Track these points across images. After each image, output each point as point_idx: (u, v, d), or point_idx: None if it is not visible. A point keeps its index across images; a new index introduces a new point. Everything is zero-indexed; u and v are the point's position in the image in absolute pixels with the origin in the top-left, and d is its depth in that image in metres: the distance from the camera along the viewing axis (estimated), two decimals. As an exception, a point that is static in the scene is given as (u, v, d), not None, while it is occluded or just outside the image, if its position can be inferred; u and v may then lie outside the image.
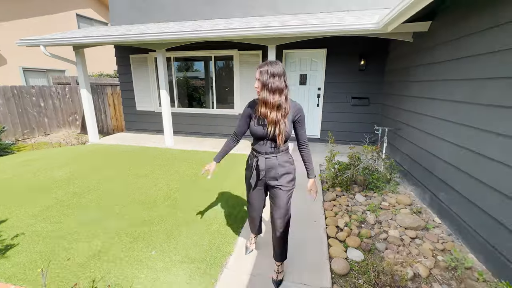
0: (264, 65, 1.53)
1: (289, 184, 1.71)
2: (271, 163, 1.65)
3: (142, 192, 3.31)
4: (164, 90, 5.13)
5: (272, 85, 1.49)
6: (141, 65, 6.51)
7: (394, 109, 4.41)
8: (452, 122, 2.65)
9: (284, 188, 1.68)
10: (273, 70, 1.49)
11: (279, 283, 1.83)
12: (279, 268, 1.85)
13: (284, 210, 1.71)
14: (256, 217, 2.00)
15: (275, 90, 1.50)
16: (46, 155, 4.95)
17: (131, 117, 7.06)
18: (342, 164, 3.62)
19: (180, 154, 4.99)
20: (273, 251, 1.86)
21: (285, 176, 1.68)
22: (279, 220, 1.72)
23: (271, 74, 1.49)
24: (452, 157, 2.61)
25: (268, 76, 1.49)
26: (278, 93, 1.50)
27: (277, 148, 1.64)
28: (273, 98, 1.50)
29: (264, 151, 1.65)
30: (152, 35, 4.35)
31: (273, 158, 1.65)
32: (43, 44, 4.89)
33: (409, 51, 3.88)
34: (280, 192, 1.69)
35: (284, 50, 5.47)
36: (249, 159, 1.79)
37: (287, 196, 1.70)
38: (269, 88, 1.50)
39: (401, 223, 2.61)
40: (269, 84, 1.49)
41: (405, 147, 3.81)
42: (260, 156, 1.66)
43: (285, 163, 1.67)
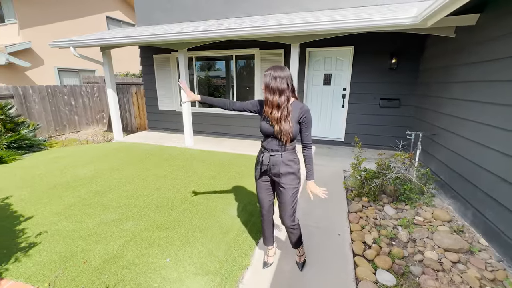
0: (268, 69, 1.65)
1: (293, 183, 1.77)
2: (275, 159, 1.74)
3: (160, 193, 3.29)
4: (185, 90, 5.12)
5: (273, 85, 1.60)
6: (164, 65, 6.61)
7: (430, 112, 4.00)
8: (503, 129, 2.29)
9: (287, 186, 1.76)
10: (275, 73, 1.61)
11: (303, 264, 2.05)
12: (300, 252, 2.05)
13: (288, 206, 1.80)
14: (266, 218, 1.99)
15: (275, 90, 1.60)
16: (73, 152, 5.17)
17: (153, 116, 7.21)
18: (370, 172, 3.34)
19: (199, 154, 4.96)
20: (290, 241, 2.01)
21: (288, 175, 1.76)
22: (284, 217, 1.84)
23: (273, 77, 1.61)
24: (501, 169, 2.25)
25: (270, 78, 1.61)
26: (278, 93, 1.61)
27: (282, 146, 1.72)
28: (273, 98, 1.61)
29: (270, 148, 1.75)
30: (173, 35, 4.33)
31: (278, 155, 1.74)
32: (73, 45, 5.10)
33: (451, 48, 3.48)
34: (284, 190, 1.78)
35: (308, 49, 5.22)
36: (258, 154, 1.90)
37: (291, 194, 1.78)
38: (270, 89, 1.61)
39: (440, 243, 2.31)
40: (270, 85, 1.61)
41: (443, 154, 3.43)
42: (266, 152, 1.78)
43: (289, 161, 1.74)
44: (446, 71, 3.54)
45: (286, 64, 5.41)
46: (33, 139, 5.44)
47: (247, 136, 6.28)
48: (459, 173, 2.97)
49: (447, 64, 3.53)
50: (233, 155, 4.91)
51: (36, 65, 9.63)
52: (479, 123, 2.67)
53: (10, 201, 3.10)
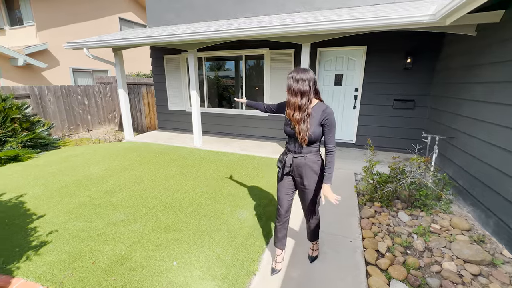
0: (292, 72, 1.67)
1: (316, 185, 1.80)
2: (298, 161, 1.76)
3: (169, 194, 3.29)
4: (194, 91, 5.13)
5: (294, 87, 1.62)
6: (174, 65, 6.65)
7: (448, 114, 3.82)
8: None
9: (310, 188, 1.79)
10: (297, 76, 1.63)
11: (313, 259, 2.12)
12: (314, 246, 2.14)
13: (311, 204, 1.87)
14: (282, 218, 1.95)
15: (297, 92, 1.62)
16: (85, 151, 5.27)
17: (163, 116, 7.27)
18: (383, 176, 3.21)
19: (207, 155, 4.95)
20: (307, 235, 2.13)
21: (311, 177, 1.77)
22: (307, 211, 1.94)
23: (295, 79, 1.63)
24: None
25: (292, 81, 1.64)
26: (300, 96, 1.62)
27: (305, 148, 1.73)
28: (295, 100, 1.63)
29: (294, 150, 1.78)
30: (183, 36, 4.34)
31: (301, 157, 1.76)
32: (86, 46, 5.20)
33: (471, 47, 3.30)
34: (306, 190, 1.82)
35: (318, 48, 5.12)
36: (281, 155, 1.93)
37: (313, 195, 1.83)
38: (292, 91, 1.64)
39: (459, 253, 2.18)
40: (292, 87, 1.63)
41: (461, 159, 3.26)
42: (289, 154, 1.81)
43: (312, 163, 1.75)
44: (466, 71, 3.37)
45: (297, 64, 5.32)
46: (47, 138, 5.59)
47: (256, 137, 6.23)
48: (480, 179, 2.81)
49: (467, 64, 3.36)
50: (242, 156, 4.87)
51: (52, 66, 9.93)
52: (503, 127, 2.52)
53: (24, 199, 3.17)
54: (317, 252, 2.17)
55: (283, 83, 5.60)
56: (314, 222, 1.99)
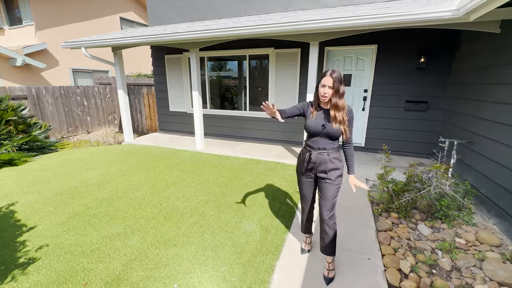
0: (334, 72, 1.71)
1: (337, 179, 1.88)
2: (323, 157, 1.84)
3: (169, 203, 3.08)
4: (196, 92, 4.92)
5: (341, 91, 1.73)
6: (175, 65, 6.45)
7: (466, 116, 3.59)
8: None
9: (331, 182, 1.86)
10: (341, 77, 1.72)
11: (330, 280, 1.95)
12: (330, 265, 1.98)
13: (330, 202, 1.88)
14: (307, 211, 2.11)
15: (342, 94, 1.74)
16: (83, 154, 5.07)
17: (164, 117, 7.07)
18: (399, 184, 2.98)
19: (210, 159, 4.74)
20: (320, 244, 2.02)
21: (334, 171, 1.86)
22: (324, 210, 1.90)
23: (340, 81, 1.72)
24: None
25: (339, 83, 1.71)
26: (343, 97, 1.76)
27: (329, 145, 1.83)
28: (340, 102, 1.74)
29: (317, 147, 1.85)
30: (184, 34, 4.13)
31: (325, 153, 1.84)
32: (84, 45, 5.01)
33: (495, 45, 3.07)
34: (328, 185, 1.87)
35: (326, 47, 4.90)
36: (302, 154, 1.99)
37: (335, 189, 1.88)
38: (340, 94, 1.73)
39: (492, 275, 1.95)
40: (340, 90, 1.72)
41: (484, 166, 3.03)
42: (313, 151, 1.87)
43: (334, 159, 1.85)
44: (489, 71, 3.13)
45: (303, 64, 5.11)
46: (44, 141, 5.40)
47: (260, 139, 6.02)
48: (507, 188, 2.58)
49: (490, 63, 3.13)
50: (246, 160, 4.65)
51: (52, 66, 9.76)
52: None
53: (15, 207, 2.98)
54: (333, 272, 1.98)
55: (288, 84, 5.38)
56: (331, 228, 1.90)
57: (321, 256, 2.18)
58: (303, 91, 5.17)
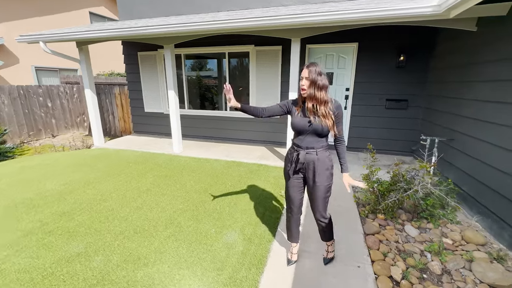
0: (311, 65, 1.65)
1: (327, 179, 1.78)
2: (311, 157, 1.74)
3: (141, 214, 2.77)
4: (172, 91, 4.60)
5: (319, 82, 1.61)
6: (150, 63, 6.04)
7: (445, 114, 3.63)
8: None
9: (321, 183, 1.76)
10: (319, 69, 1.63)
11: (329, 260, 2.04)
12: (329, 247, 2.05)
13: (321, 202, 1.81)
14: (295, 216, 1.97)
15: (322, 87, 1.62)
16: (45, 161, 4.55)
17: (139, 119, 6.62)
18: (384, 183, 2.91)
19: (188, 162, 4.44)
20: (320, 235, 2.03)
21: (323, 172, 1.75)
22: (317, 210, 1.85)
23: (318, 73, 1.62)
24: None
25: (316, 75, 1.61)
26: (324, 90, 1.64)
27: (317, 144, 1.73)
28: (321, 94, 1.63)
29: (305, 146, 1.74)
30: (157, 28, 3.81)
31: (313, 152, 1.73)
32: (43, 40, 4.49)
33: (472, 43, 3.10)
34: (318, 186, 1.76)
35: (307, 45, 4.79)
36: (289, 154, 1.88)
37: (325, 191, 1.79)
38: (317, 85, 1.61)
39: (482, 277, 1.89)
40: (317, 82, 1.61)
41: (464, 163, 3.05)
42: (301, 150, 1.76)
43: (324, 158, 1.74)
44: (467, 69, 3.16)
45: (285, 62, 4.96)
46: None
47: (242, 140, 5.80)
48: (490, 185, 2.58)
49: (468, 61, 3.15)
50: (227, 162, 4.41)
51: (10, 64, 8.84)
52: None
53: (-48, 227, 2.52)
54: (332, 253, 2.08)
55: (270, 83, 5.21)
56: (326, 221, 1.89)
57: (308, 266, 2.02)
58: (285, 90, 5.03)
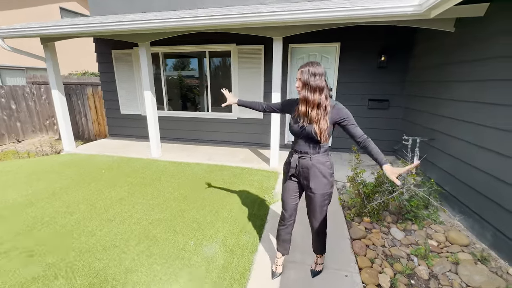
0: (305, 65, 1.54)
1: (324, 188, 1.64)
2: (305, 163, 1.64)
3: (112, 227, 2.52)
4: (149, 91, 4.33)
5: (312, 83, 1.49)
6: (125, 62, 5.69)
7: (425, 114, 3.67)
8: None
9: (317, 191, 1.63)
10: (314, 69, 1.50)
11: (316, 273, 1.92)
12: (319, 260, 1.95)
13: (318, 211, 1.71)
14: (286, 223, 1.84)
15: (315, 88, 1.50)
16: (5, 168, 4.11)
17: (114, 121, 6.23)
18: (369, 185, 2.86)
19: (167, 167, 4.19)
20: (312, 245, 1.93)
21: (319, 179, 1.62)
22: (313, 220, 1.76)
23: (312, 73, 1.50)
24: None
25: (309, 75, 1.50)
26: (318, 92, 1.50)
27: (312, 149, 1.61)
28: (313, 96, 1.51)
29: (300, 150, 1.65)
30: (130, 24, 3.55)
31: (307, 158, 1.63)
32: (0, 36, 4.06)
33: (450, 44, 3.14)
34: (313, 195, 1.66)
35: (290, 45, 4.70)
36: (288, 156, 1.79)
37: (321, 200, 1.67)
38: (310, 87, 1.50)
39: (469, 280, 1.86)
40: (309, 83, 1.50)
41: (445, 162, 3.08)
42: (295, 154, 1.68)
43: (320, 165, 1.61)
44: (444, 69, 3.20)
45: (268, 61, 4.84)
46: (-51, 155, 4.27)
47: (225, 142, 5.61)
48: (470, 185, 2.60)
49: (446, 62, 3.19)
50: (209, 166, 4.22)
51: (-32, 62, 8.05)
52: (493, 128, 2.31)
53: None
54: (321, 266, 1.97)
55: (252, 82, 5.08)
56: (321, 232, 1.81)
57: (294, 278, 1.90)
58: (268, 90, 4.91)
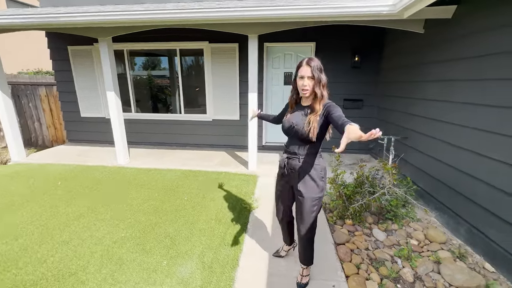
0: (310, 60, 1.44)
1: (312, 192, 1.54)
2: (293, 163, 1.59)
3: (68, 250, 2.16)
4: (112, 92, 3.91)
5: (323, 81, 1.44)
6: (85, 59, 5.13)
7: (397, 113, 3.77)
8: (497, 134, 1.99)
9: (306, 195, 1.55)
10: (319, 64, 1.44)
11: (302, 286, 1.81)
12: (304, 271, 1.83)
13: (306, 217, 1.60)
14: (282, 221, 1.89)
15: (325, 85, 1.46)
16: None
17: (74, 125, 5.60)
18: (349, 186, 2.83)
19: (136, 175, 3.81)
20: (299, 255, 1.84)
21: (307, 182, 1.55)
22: (301, 226, 1.66)
23: (319, 68, 1.43)
24: (500, 181, 1.94)
25: (319, 72, 1.42)
26: (323, 86, 1.45)
27: (302, 149, 1.54)
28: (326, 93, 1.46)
29: (289, 150, 1.60)
30: (89, 16, 3.14)
31: (295, 159, 1.57)
32: None
33: (419, 45, 3.23)
34: (301, 198, 1.58)
35: (265, 43, 4.58)
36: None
37: (310, 204, 1.57)
38: (322, 84, 1.44)
39: (451, 280, 1.86)
40: (322, 80, 1.43)
41: (419, 160, 3.16)
42: (285, 154, 1.65)
43: (308, 167, 1.53)
44: (415, 69, 3.29)
45: (243, 60, 4.67)
46: None
47: (200, 146, 5.33)
48: (444, 181, 2.68)
49: (415, 62, 3.28)
50: (183, 172, 3.92)
51: None
52: (464, 127, 2.39)
53: None
54: (307, 278, 1.84)
55: (227, 82, 4.86)
56: (308, 240, 1.69)
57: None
58: (244, 90, 4.74)
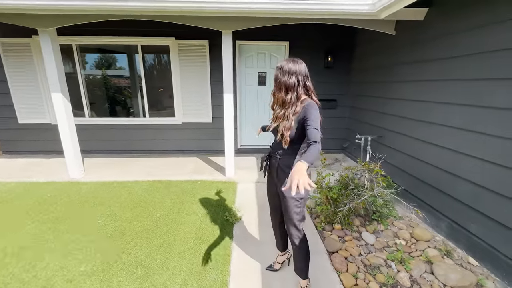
0: (282, 61, 1.46)
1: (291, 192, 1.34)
2: (272, 163, 1.61)
3: (2, 300, 1.66)
4: (59, 94, 3.29)
5: (281, 80, 1.43)
6: (21, 54, 4.29)
7: (371, 112, 3.85)
8: (481, 133, 2.06)
9: (287, 195, 1.49)
10: (286, 66, 1.42)
11: None
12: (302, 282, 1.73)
13: (292, 215, 1.54)
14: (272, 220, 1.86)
15: (282, 86, 1.43)
16: None
17: (9, 134, 4.66)
18: (334, 188, 2.75)
19: (94, 191, 3.26)
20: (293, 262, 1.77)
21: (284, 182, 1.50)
22: (288, 223, 1.60)
23: (283, 71, 1.42)
24: (480, 177, 2.02)
25: (279, 72, 1.43)
26: (284, 90, 1.42)
27: (282, 149, 1.51)
28: (279, 94, 1.45)
29: (272, 149, 1.63)
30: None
31: (275, 158, 1.57)
32: None
33: (390, 46, 3.32)
34: (283, 198, 1.54)
35: (237, 41, 4.33)
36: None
37: (293, 204, 1.52)
38: (278, 84, 1.45)
39: (446, 280, 1.86)
40: (278, 80, 1.44)
41: (396, 158, 3.24)
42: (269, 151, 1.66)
43: (286, 167, 1.51)
44: (388, 69, 3.37)
45: (213, 59, 4.37)
46: None
47: (168, 152, 4.86)
48: (422, 179, 2.75)
49: (390, 62, 3.36)
50: (151, 184, 3.47)
51: None
52: (438, 125, 2.48)
53: None
54: None
55: (197, 83, 4.51)
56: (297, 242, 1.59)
57: None
58: (217, 91, 4.43)
